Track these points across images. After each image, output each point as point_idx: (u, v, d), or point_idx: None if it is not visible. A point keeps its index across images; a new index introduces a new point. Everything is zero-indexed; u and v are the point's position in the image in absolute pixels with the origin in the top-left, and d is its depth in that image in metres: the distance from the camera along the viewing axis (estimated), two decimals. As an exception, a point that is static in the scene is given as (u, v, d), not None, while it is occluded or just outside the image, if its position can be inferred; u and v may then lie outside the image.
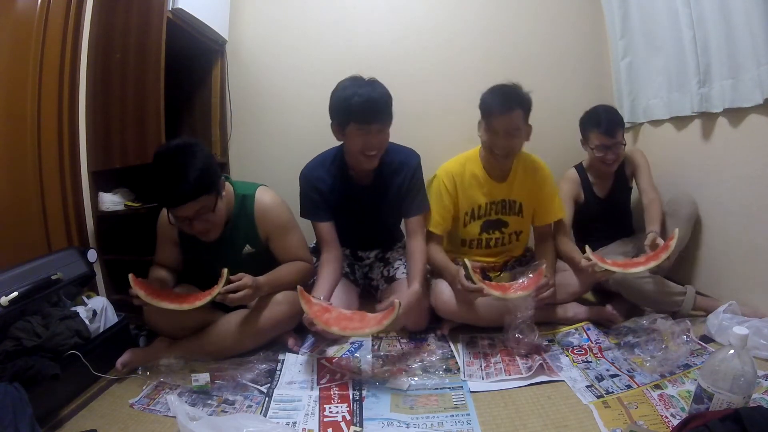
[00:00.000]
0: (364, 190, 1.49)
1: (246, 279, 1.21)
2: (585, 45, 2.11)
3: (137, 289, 1.16)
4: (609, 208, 1.76)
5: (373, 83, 1.34)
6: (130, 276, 1.17)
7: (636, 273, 1.33)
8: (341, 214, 1.49)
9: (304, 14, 2.09)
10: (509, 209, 1.53)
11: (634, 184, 1.78)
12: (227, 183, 1.35)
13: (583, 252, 1.39)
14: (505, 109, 1.36)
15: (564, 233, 1.58)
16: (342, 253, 1.53)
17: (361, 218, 1.53)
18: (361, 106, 1.28)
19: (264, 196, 1.37)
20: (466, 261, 1.28)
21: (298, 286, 1.22)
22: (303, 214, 1.49)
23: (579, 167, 1.77)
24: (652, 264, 1.31)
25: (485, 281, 1.30)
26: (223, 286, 1.17)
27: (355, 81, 1.34)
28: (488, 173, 1.50)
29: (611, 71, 2.10)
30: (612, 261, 1.36)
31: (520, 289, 1.26)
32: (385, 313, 1.17)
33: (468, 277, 1.27)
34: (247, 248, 1.37)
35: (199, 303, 1.15)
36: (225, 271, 1.18)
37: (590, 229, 1.75)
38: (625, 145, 1.65)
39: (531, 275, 1.29)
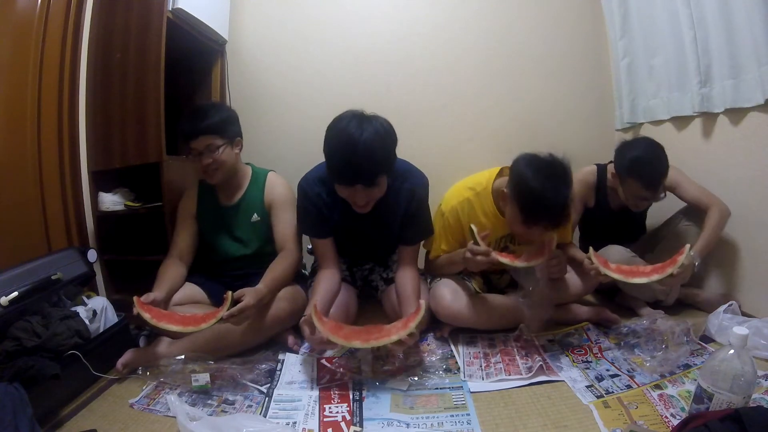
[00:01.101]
0: (365, 213, 1.37)
1: (248, 299, 1.20)
2: (585, 45, 2.11)
3: (142, 312, 1.17)
4: (620, 220, 1.63)
5: (365, 129, 1.17)
6: (135, 299, 1.19)
7: (637, 283, 1.25)
8: (340, 231, 1.44)
9: (305, 14, 2.09)
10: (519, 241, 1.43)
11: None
12: (248, 165, 1.59)
13: (587, 253, 1.32)
14: (551, 217, 1.17)
15: (568, 245, 1.50)
16: (340, 271, 1.48)
17: (362, 235, 1.47)
18: (342, 170, 1.20)
19: (276, 177, 1.57)
20: (473, 226, 1.25)
21: (314, 305, 1.18)
22: (301, 229, 1.46)
23: (601, 170, 1.61)
24: (656, 277, 1.21)
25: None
26: (227, 309, 1.17)
27: (346, 129, 1.18)
28: (501, 212, 1.37)
29: (611, 71, 2.10)
30: (616, 266, 1.28)
31: (531, 257, 1.22)
32: (410, 316, 1.16)
33: (475, 243, 1.23)
34: (255, 217, 1.53)
35: (204, 325, 1.16)
36: (230, 293, 1.19)
37: (594, 234, 1.68)
38: (665, 196, 1.45)
39: (540, 245, 1.25)
